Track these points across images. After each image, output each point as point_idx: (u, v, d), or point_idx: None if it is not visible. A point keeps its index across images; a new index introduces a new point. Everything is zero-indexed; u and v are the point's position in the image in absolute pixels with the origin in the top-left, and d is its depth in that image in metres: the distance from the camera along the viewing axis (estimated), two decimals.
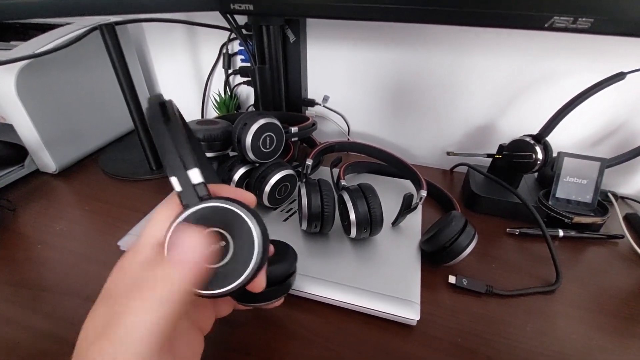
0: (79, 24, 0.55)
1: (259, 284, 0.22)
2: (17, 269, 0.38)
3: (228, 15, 0.47)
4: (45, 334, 0.31)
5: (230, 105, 0.68)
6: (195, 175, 0.19)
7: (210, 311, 0.26)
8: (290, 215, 0.44)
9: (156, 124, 0.20)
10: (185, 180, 0.19)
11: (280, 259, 0.28)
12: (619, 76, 0.39)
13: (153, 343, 0.15)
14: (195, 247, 0.17)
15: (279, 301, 0.29)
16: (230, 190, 0.22)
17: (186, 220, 0.19)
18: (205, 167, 0.30)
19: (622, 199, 0.52)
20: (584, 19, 0.31)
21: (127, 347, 0.15)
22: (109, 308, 0.17)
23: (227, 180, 0.41)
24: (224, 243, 0.19)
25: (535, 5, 0.32)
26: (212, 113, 0.73)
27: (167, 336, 0.16)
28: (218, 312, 0.26)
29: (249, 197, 0.23)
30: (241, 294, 0.24)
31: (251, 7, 0.42)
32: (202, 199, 0.19)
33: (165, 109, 0.20)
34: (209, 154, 0.41)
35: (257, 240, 0.19)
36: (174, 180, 0.19)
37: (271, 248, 0.24)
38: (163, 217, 0.19)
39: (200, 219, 0.19)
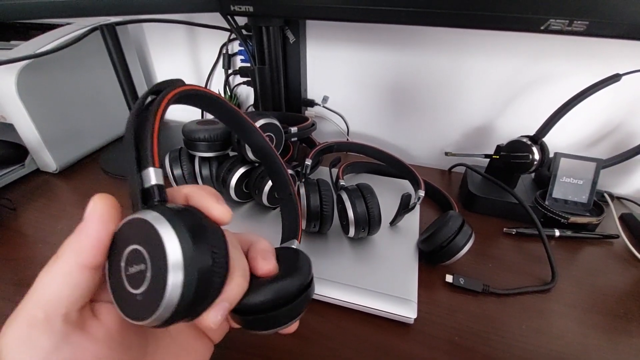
0: (79, 24, 0.55)
1: (205, 322, 0.17)
2: (18, 269, 0.38)
3: (228, 16, 0.48)
4: None
5: None
6: (148, 177, 0.16)
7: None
8: None
9: (131, 114, 0.17)
10: (134, 182, 0.16)
11: (287, 272, 0.21)
12: (615, 78, 0.40)
13: (46, 303, 0.16)
14: (86, 222, 0.17)
15: (292, 325, 0.22)
16: (198, 197, 0.18)
17: (118, 232, 0.16)
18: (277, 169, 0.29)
19: (618, 199, 0.52)
20: (579, 22, 0.32)
21: (26, 303, 0.16)
22: None
23: (226, 179, 0.41)
24: (143, 266, 0.15)
25: (531, 8, 0.32)
26: None
27: (63, 301, 0.16)
28: (232, 322, 0.25)
29: (215, 211, 0.18)
30: (242, 321, 0.20)
31: (251, 9, 0.42)
32: (148, 205, 0.16)
33: (153, 95, 0.18)
34: (209, 154, 0.42)
35: (173, 273, 0.14)
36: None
37: (269, 266, 0.21)
38: None
39: (128, 232, 0.16)
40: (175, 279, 0.14)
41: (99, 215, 0.16)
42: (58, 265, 0.16)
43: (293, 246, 0.27)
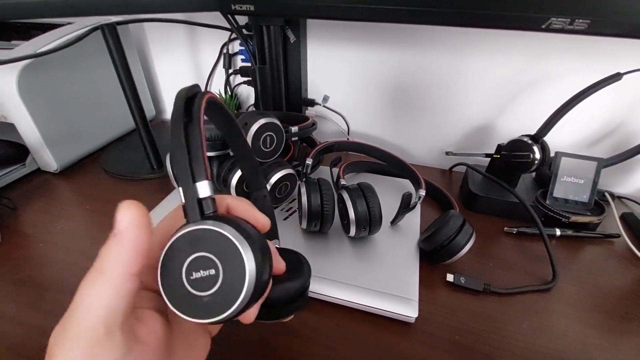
0: (80, 24, 0.55)
1: (248, 317, 0.20)
2: (19, 268, 0.38)
3: (229, 16, 0.48)
4: (47, 332, 0.31)
5: (230, 104, 0.68)
6: (203, 189, 0.18)
7: None
8: (290, 214, 0.44)
9: (174, 122, 0.19)
10: (190, 193, 0.18)
11: (293, 275, 0.25)
12: (616, 77, 0.40)
13: (105, 317, 0.16)
14: (125, 232, 0.17)
15: (288, 318, 0.26)
16: (242, 209, 0.21)
17: (177, 241, 0.17)
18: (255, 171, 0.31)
19: (619, 198, 0.52)
20: (580, 20, 0.32)
21: (80, 321, 0.16)
22: None
23: (227, 179, 0.41)
24: (213, 271, 0.17)
25: (532, 6, 0.32)
26: None
27: (119, 312, 0.16)
28: None
29: (262, 221, 0.21)
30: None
31: (252, 8, 0.42)
32: (204, 217, 0.18)
33: (190, 105, 0.19)
34: (209, 154, 0.42)
35: (249, 276, 0.16)
36: (180, 191, 0.18)
37: (281, 266, 0.24)
38: None
39: (192, 241, 0.17)
40: (250, 281, 0.16)
41: (136, 224, 0.17)
42: (106, 277, 0.16)
43: (276, 246, 0.29)
